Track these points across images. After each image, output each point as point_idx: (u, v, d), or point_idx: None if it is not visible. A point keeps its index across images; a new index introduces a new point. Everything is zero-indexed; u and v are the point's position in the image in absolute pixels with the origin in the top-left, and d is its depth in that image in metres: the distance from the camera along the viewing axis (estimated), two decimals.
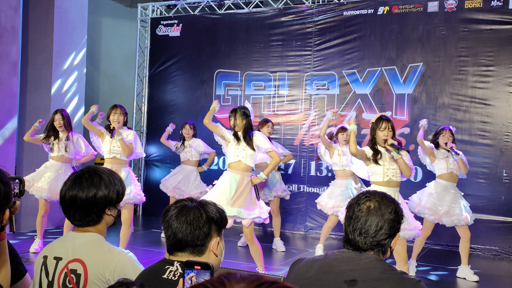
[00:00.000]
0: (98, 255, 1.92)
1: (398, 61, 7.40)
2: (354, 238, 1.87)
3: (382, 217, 1.85)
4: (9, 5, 6.66)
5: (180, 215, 1.79)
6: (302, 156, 7.98)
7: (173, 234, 1.78)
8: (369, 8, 7.59)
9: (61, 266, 1.92)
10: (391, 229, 1.86)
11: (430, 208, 5.32)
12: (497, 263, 6.40)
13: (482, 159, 6.82)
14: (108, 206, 1.99)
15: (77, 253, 1.92)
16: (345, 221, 1.94)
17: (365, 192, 1.96)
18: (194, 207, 1.81)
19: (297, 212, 7.97)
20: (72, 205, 1.95)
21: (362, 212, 1.87)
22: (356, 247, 1.87)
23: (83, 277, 1.88)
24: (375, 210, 1.87)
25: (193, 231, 1.76)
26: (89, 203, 1.93)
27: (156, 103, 9.28)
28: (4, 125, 6.67)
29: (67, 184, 1.98)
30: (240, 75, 8.51)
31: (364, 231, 1.84)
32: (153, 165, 9.21)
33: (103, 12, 9.77)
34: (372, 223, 1.84)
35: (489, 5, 6.84)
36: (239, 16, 8.57)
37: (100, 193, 1.95)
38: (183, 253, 1.80)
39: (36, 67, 7.56)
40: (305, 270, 1.92)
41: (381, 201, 1.89)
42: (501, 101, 6.77)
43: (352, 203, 1.93)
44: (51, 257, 1.96)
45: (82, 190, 1.93)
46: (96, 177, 1.97)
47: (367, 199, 1.90)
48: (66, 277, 1.90)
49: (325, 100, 7.88)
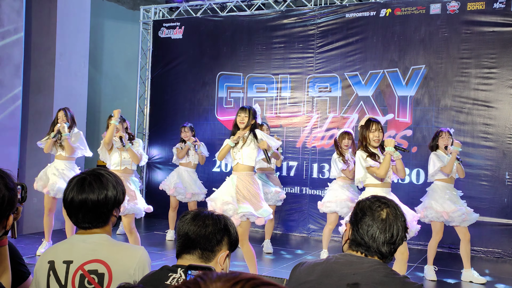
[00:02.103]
0: (118, 253, 1.96)
1: (401, 63, 7.40)
2: (372, 245, 1.87)
3: (400, 225, 1.89)
4: (12, 7, 6.68)
5: (197, 219, 1.82)
6: (304, 158, 7.98)
7: (185, 234, 1.80)
8: (372, 10, 7.60)
9: (73, 269, 1.93)
10: (405, 236, 1.92)
11: (434, 208, 5.33)
12: (500, 266, 6.38)
13: (485, 161, 6.81)
14: (117, 206, 2.02)
15: (95, 254, 1.94)
16: (356, 225, 1.91)
17: (377, 199, 1.95)
18: (213, 214, 1.85)
19: (299, 214, 7.96)
20: (82, 209, 1.96)
21: (382, 219, 1.88)
22: (372, 253, 1.88)
23: (107, 276, 1.90)
24: (394, 217, 1.89)
25: (207, 234, 1.79)
26: (100, 204, 1.96)
27: (159, 106, 9.29)
28: (6, 128, 6.68)
29: (73, 188, 1.98)
30: (242, 77, 8.52)
31: (386, 239, 1.86)
32: (155, 167, 9.22)
33: (106, 15, 9.79)
34: (393, 231, 1.87)
35: (491, 7, 6.84)
36: (241, 19, 8.58)
37: (110, 193, 1.97)
38: (191, 255, 1.81)
39: (38, 69, 7.58)
40: (306, 273, 1.92)
41: (396, 208, 1.92)
42: (504, 103, 6.76)
43: (366, 207, 1.92)
44: (59, 261, 1.95)
45: (92, 192, 1.95)
46: (103, 178, 1.99)
47: (384, 206, 1.91)
48: (84, 279, 1.90)
49: (328, 102, 7.88)
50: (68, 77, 7.72)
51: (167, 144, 9.06)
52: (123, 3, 10.16)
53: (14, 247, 2.12)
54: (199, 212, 1.86)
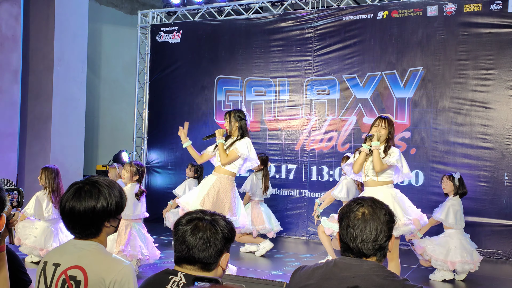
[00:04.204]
0: (100, 263, 1.92)
1: (398, 65, 7.41)
2: (356, 246, 1.87)
3: (379, 221, 1.87)
4: (9, 13, 6.69)
5: (196, 231, 1.80)
6: (303, 161, 7.99)
7: (187, 248, 1.79)
8: (369, 13, 7.62)
9: (59, 272, 1.93)
10: (389, 230, 1.89)
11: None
12: (500, 267, 6.38)
13: (484, 163, 6.82)
14: (108, 218, 1.98)
15: (78, 260, 1.93)
16: (341, 230, 1.93)
17: (355, 199, 1.97)
18: (209, 223, 1.83)
19: (298, 217, 7.96)
20: (71, 217, 1.95)
21: (359, 219, 1.88)
22: (359, 254, 1.87)
23: (83, 284, 1.88)
24: (371, 215, 1.88)
25: (209, 248, 1.78)
26: (86, 215, 1.93)
27: (157, 110, 9.29)
28: (5, 134, 6.68)
29: (67, 194, 1.98)
30: (241, 80, 8.53)
31: (365, 237, 1.86)
32: (155, 171, 9.22)
33: (104, 19, 9.80)
34: (371, 228, 1.86)
35: (488, 8, 6.86)
36: (239, 22, 8.59)
37: (98, 205, 1.94)
38: (192, 266, 1.81)
39: (37, 75, 7.58)
40: (306, 277, 1.92)
41: (374, 205, 1.91)
42: (502, 104, 6.77)
43: (345, 211, 1.94)
44: (50, 263, 1.97)
45: (79, 202, 1.93)
46: (95, 189, 1.96)
47: (359, 206, 1.92)
48: (65, 284, 1.90)
49: (326, 105, 7.90)
50: (67, 82, 7.73)
51: (166, 148, 9.07)
52: (120, 8, 10.18)
53: (15, 255, 2.12)
54: (196, 223, 1.82)
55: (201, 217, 1.84)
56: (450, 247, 5.31)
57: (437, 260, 5.33)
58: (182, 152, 8.47)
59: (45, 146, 7.60)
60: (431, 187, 7.05)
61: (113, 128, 10.52)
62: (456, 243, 5.32)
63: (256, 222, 6.54)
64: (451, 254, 5.28)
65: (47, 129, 7.45)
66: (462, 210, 5.48)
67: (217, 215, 1.89)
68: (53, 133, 7.62)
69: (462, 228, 5.46)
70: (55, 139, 7.66)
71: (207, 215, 1.86)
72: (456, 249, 5.29)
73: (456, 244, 5.32)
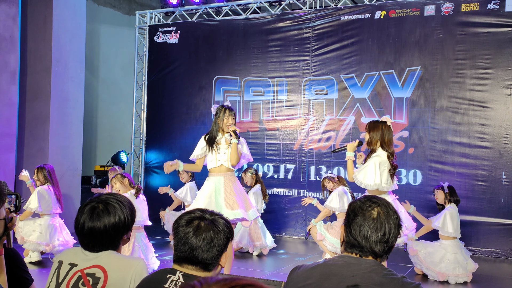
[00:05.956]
0: (118, 262, 2.01)
1: (396, 65, 7.43)
2: (369, 245, 1.87)
3: (392, 223, 1.89)
4: (7, 14, 6.69)
5: (198, 232, 1.80)
6: (301, 161, 7.99)
7: (190, 249, 1.79)
8: (366, 13, 7.63)
9: (74, 271, 2.00)
10: (398, 233, 1.92)
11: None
12: (498, 265, 6.40)
13: (481, 162, 6.83)
14: (127, 231, 2.08)
15: (97, 261, 2.00)
16: (352, 227, 1.91)
17: (369, 198, 1.96)
18: (210, 222, 1.83)
19: (297, 217, 7.97)
20: (92, 237, 2.02)
21: (374, 218, 1.88)
22: (368, 253, 1.88)
23: (103, 280, 1.95)
24: (385, 216, 1.89)
25: (212, 248, 1.80)
26: (108, 233, 2.01)
27: (155, 110, 9.29)
28: (3, 134, 6.68)
29: (83, 216, 2.03)
30: (239, 81, 8.53)
31: (380, 237, 1.86)
32: (153, 172, 9.22)
33: (101, 20, 9.80)
34: (385, 229, 1.87)
35: (485, 8, 6.87)
36: (236, 22, 8.60)
37: (117, 220, 2.03)
38: (193, 266, 1.81)
39: (35, 75, 7.58)
40: (304, 277, 1.92)
41: (388, 206, 1.92)
42: (499, 103, 6.79)
43: (357, 208, 1.92)
44: (66, 262, 2.03)
45: (99, 221, 2.00)
46: (110, 206, 2.04)
47: (375, 205, 1.91)
48: (80, 280, 1.96)
49: (324, 104, 7.91)
50: (65, 83, 7.73)
51: (165, 148, 9.07)
52: (118, 8, 10.17)
53: (17, 254, 2.12)
54: (198, 223, 1.82)
55: (201, 217, 1.84)
56: (443, 259, 5.34)
57: (428, 269, 5.40)
58: (180, 153, 8.48)
59: (43, 146, 7.60)
60: (429, 187, 7.05)
61: (112, 129, 10.53)
62: (450, 257, 5.34)
63: (255, 238, 6.51)
64: (443, 266, 5.30)
65: (45, 129, 7.44)
66: (458, 220, 5.50)
67: (216, 214, 1.89)
68: (51, 133, 7.62)
69: (458, 238, 5.48)
70: (54, 140, 7.66)
71: (207, 214, 1.86)
72: (449, 262, 5.31)
73: (450, 258, 5.34)
